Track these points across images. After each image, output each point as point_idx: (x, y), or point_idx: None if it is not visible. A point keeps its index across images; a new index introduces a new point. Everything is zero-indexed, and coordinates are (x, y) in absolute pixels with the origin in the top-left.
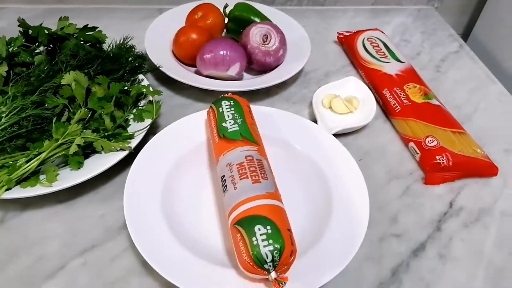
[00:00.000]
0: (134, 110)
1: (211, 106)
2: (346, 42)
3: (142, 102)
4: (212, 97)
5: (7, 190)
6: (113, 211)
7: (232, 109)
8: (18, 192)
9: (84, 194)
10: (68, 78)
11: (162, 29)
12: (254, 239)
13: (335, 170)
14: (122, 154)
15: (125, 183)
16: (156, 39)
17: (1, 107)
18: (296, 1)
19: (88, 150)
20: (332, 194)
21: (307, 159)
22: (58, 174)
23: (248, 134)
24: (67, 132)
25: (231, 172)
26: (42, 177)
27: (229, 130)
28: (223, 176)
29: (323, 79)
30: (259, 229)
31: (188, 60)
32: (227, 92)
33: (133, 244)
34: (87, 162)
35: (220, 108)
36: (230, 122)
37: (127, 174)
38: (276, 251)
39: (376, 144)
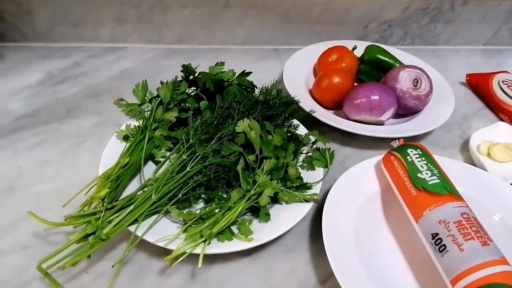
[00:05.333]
0: (302, 158)
1: (392, 154)
2: (477, 84)
3: (305, 149)
4: (357, 141)
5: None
6: (301, 266)
7: (423, 158)
8: (220, 247)
9: (267, 246)
10: (243, 125)
11: (294, 72)
12: None
13: None
14: (307, 205)
15: (303, 234)
16: (292, 83)
17: (182, 155)
18: (409, 41)
19: None
20: None
21: (491, 213)
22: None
23: (451, 188)
24: (258, 183)
25: (448, 231)
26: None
27: (429, 183)
28: (436, 234)
29: (463, 122)
30: None
31: (331, 103)
32: (380, 138)
33: None
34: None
35: (408, 157)
36: (427, 174)
37: (302, 224)
38: None
39: None
